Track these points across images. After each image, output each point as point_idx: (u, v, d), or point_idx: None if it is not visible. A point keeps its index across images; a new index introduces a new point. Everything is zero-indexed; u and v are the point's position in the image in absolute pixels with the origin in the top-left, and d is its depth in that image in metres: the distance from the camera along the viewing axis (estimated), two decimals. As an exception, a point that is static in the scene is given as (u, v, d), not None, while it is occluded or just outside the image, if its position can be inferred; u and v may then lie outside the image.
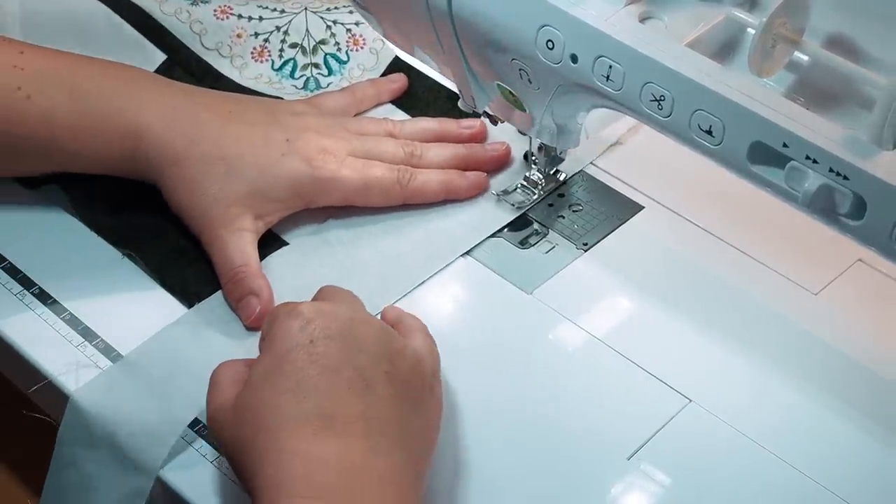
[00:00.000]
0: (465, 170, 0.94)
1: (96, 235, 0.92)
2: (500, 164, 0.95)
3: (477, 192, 0.93)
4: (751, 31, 0.76)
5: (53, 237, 0.92)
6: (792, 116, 0.71)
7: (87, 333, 0.87)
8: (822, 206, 0.71)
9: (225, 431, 0.75)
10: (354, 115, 0.98)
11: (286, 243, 0.91)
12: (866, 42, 0.74)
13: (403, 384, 0.75)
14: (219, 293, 0.88)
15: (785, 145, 0.71)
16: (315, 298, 0.81)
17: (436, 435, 0.77)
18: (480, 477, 0.79)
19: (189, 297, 0.89)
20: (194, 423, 0.82)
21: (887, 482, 0.79)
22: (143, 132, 0.88)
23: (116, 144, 0.88)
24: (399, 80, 1.01)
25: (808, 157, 0.70)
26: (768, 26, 0.73)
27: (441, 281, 0.90)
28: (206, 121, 0.89)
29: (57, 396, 0.84)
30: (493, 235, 0.92)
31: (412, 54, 0.93)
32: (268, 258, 0.90)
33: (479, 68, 0.85)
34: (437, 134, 0.96)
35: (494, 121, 0.92)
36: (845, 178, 0.69)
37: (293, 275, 0.89)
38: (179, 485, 0.79)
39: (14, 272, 0.90)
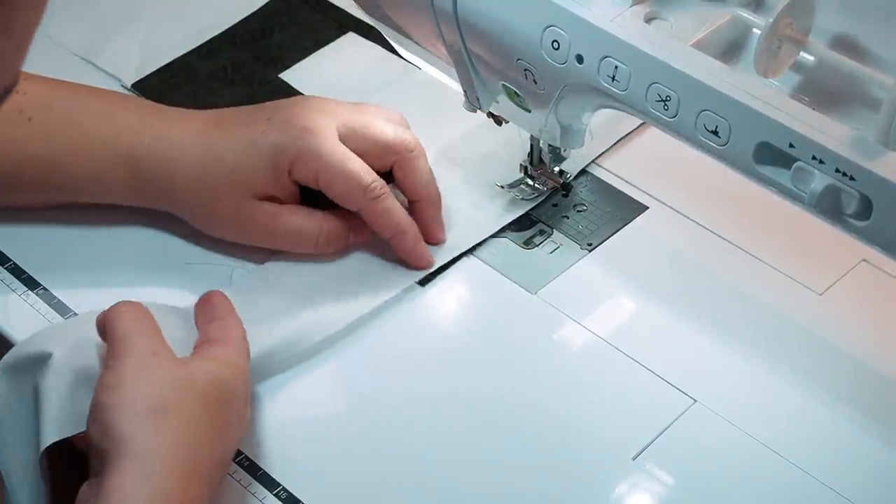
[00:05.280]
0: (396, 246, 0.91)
1: (99, 237, 0.92)
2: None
3: (415, 265, 0.90)
4: (756, 31, 0.76)
5: (57, 238, 0.92)
6: (798, 117, 0.71)
7: (92, 333, 0.87)
8: (829, 207, 0.71)
9: None
10: None
11: None
12: (872, 42, 0.74)
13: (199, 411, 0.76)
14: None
15: (791, 146, 0.71)
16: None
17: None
18: (485, 477, 0.80)
19: None
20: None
21: (892, 482, 0.79)
22: (140, 153, 0.89)
23: (117, 166, 0.89)
24: None
25: (814, 158, 0.70)
26: (774, 27, 0.73)
27: (445, 281, 0.90)
28: (199, 132, 0.89)
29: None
30: (497, 235, 0.92)
31: (417, 55, 0.92)
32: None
33: (483, 69, 0.85)
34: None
35: (499, 121, 0.92)
36: (852, 178, 0.69)
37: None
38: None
39: (18, 272, 0.90)
